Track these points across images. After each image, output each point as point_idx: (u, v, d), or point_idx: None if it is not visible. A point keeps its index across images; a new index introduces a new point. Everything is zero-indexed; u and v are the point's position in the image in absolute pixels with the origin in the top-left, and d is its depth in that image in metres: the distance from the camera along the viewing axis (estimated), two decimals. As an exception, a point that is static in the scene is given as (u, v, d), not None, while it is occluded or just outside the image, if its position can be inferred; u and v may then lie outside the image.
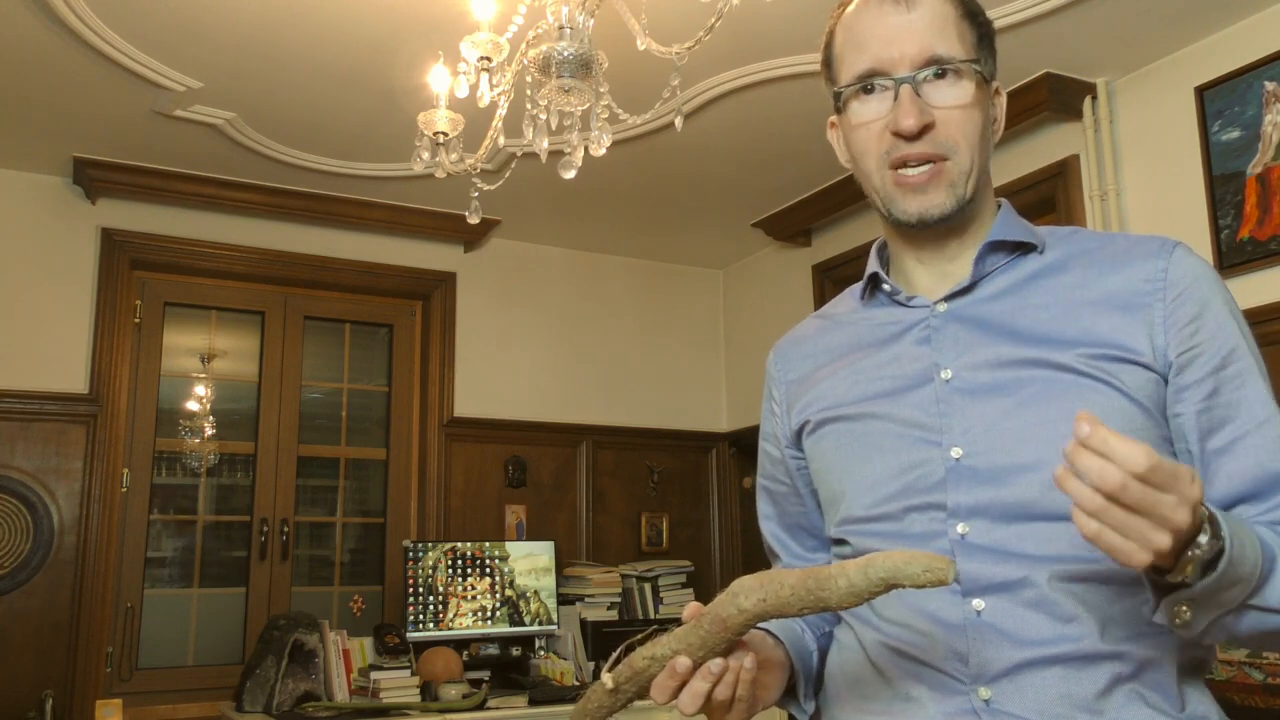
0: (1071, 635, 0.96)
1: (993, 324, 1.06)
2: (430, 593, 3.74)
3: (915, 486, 1.04)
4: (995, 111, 1.12)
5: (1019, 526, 0.98)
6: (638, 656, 0.96)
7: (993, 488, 1.00)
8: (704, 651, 0.92)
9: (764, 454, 1.28)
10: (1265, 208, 2.63)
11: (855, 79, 1.08)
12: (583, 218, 4.19)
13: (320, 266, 4.01)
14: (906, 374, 1.08)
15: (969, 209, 1.08)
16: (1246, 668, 2.46)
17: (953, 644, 0.99)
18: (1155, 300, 1.01)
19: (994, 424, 1.01)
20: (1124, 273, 1.04)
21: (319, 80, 3.03)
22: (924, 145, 1.04)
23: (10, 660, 3.33)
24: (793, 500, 1.25)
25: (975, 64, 1.07)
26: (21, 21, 2.70)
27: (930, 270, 1.13)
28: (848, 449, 1.11)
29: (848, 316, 1.20)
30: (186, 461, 3.89)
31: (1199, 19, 2.72)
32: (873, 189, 1.10)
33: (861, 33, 1.09)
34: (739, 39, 2.79)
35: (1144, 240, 1.07)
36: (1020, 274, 1.08)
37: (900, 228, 1.10)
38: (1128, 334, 1.01)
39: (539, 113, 2.13)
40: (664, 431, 4.55)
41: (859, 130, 1.09)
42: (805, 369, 1.21)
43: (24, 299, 3.54)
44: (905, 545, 1.02)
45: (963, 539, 1.00)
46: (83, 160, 3.53)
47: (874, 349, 1.13)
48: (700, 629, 0.92)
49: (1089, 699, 0.95)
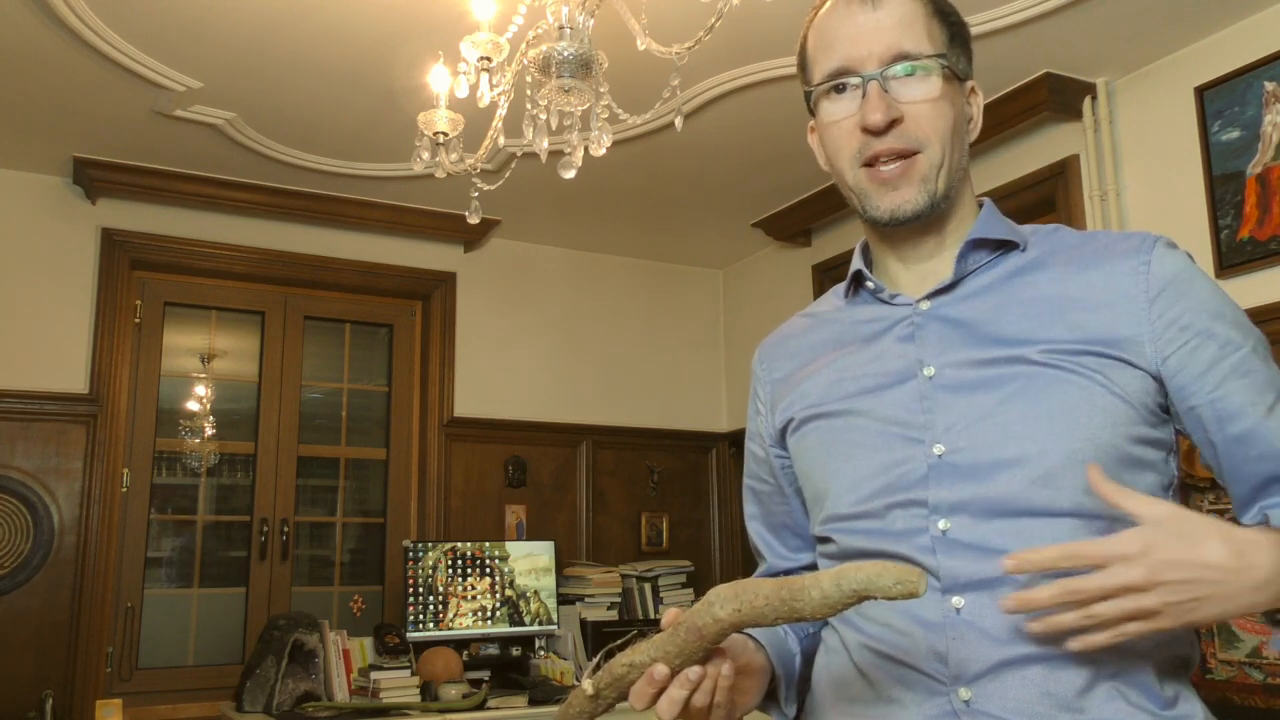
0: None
1: (975, 322, 1.07)
2: (430, 593, 3.74)
3: (898, 483, 1.04)
4: (970, 110, 1.13)
5: (1000, 522, 0.98)
6: (617, 663, 0.96)
7: (974, 484, 1.00)
8: (681, 659, 0.93)
9: (749, 454, 1.29)
10: (1265, 208, 2.63)
11: (825, 78, 1.10)
12: (583, 218, 4.19)
13: (320, 266, 4.01)
14: (889, 371, 1.09)
15: (943, 206, 1.09)
16: (1246, 668, 2.46)
17: (932, 643, 0.99)
18: (1139, 295, 1.02)
19: (976, 420, 1.02)
20: (1105, 269, 1.04)
21: (319, 80, 3.03)
22: (893, 140, 1.05)
23: (10, 660, 3.33)
24: (778, 500, 1.25)
25: (943, 59, 1.07)
26: (21, 21, 2.70)
27: (911, 269, 1.13)
28: (831, 446, 1.11)
29: (831, 314, 1.21)
30: (186, 461, 3.89)
31: (1199, 19, 2.72)
32: (847, 188, 1.11)
33: (831, 33, 1.10)
34: (739, 39, 2.79)
35: (1126, 236, 1.07)
36: (1002, 272, 1.09)
37: (876, 226, 1.11)
38: (1111, 329, 1.01)
39: (539, 113, 2.13)
40: (664, 431, 4.56)
41: (831, 129, 1.10)
42: (789, 367, 1.21)
43: (24, 299, 3.54)
44: (887, 543, 1.03)
45: (944, 535, 1.00)
46: (83, 160, 3.53)
47: (857, 346, 1.13)
48: (677, 637, 0.93)
49: (1069, 697, 0.95)
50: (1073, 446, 0.98)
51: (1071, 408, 0.99)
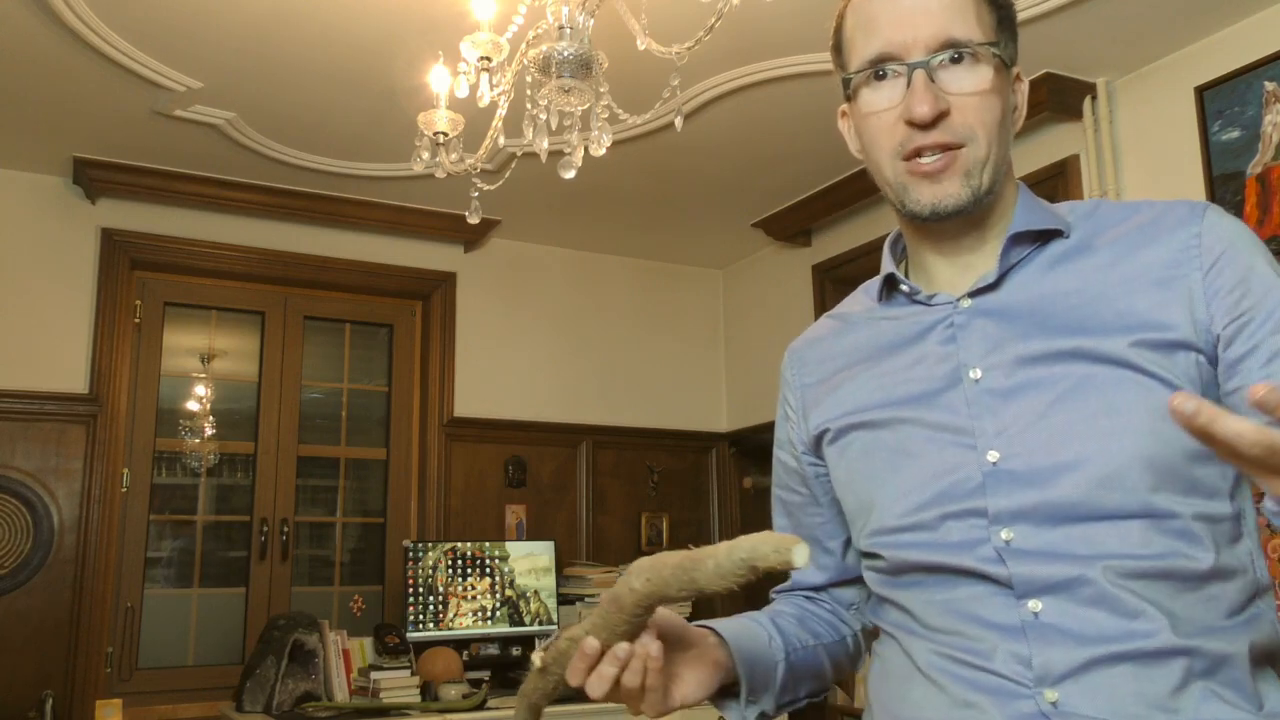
0: (1140, 631, 0.91)
1: (1021, 316, 1.00)
2: (430, 593, 3.74)
3: (951, 493, 0.98)
4: (1016, 99, 1.06)
5: (1066, 529, 0.93)
6: (561, 638, 0.98)
7: (1036, 490, 0.94)
8: (607, 633, 0.93)
9: (779, 463, 1.23)
10: (1265, 208, 2.63)
11: (866, 64, 1.02)
12: (583, 218, 4.19)
13: (320, 266, 4.01)
14: (934, 376, 1.03)
15: (987, 201, 1.02)
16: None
17: (1012, 647, 0.94)
18: (1193, 270, 0.96)
19: (1031, 424, 0.96)
20: (1155, 246, 0.98)
21: (319, 80, 3.03)
22: (939, 134, 0.98)
23: (10, 660, 3.33)
24: (811, 510, 1.19)
25: (994, 47, 1.00)
26: (21, 21, 2.70)
27: (951, 262, 1.07)
28: (875, 457, 1.06)
29: (864, 315, 1.14)
30: (186, 461, 3.89)
31: (1199, 19, 2.72)
32: (885, 181, 1.04)
33: (873, 15, 1.03)
34: (739, 39, 2.79)
35: (1172, 206, 1.01)
36: (1047, 260, 1.03)
37: (915, 220, 1.04)
38: (1165, 312, 0.95)
39: (539, 113, 2.13)
40: (664, 431, 4.55)
41: (870, 119, 1.03)
42: (822, 372, 1.15)
43: (24, 299, 3.54)
44: (944, 554, 0.99)
45: (1008, 545, 0.95)
46: (83, 160, 3.53)
47: (896, 351, 1.07)
48: (603, 610, 0.94)
49: (1163, 697, 0.90)
50: (1135, 444, 0.92)
51: (1130, 403, 0.93)
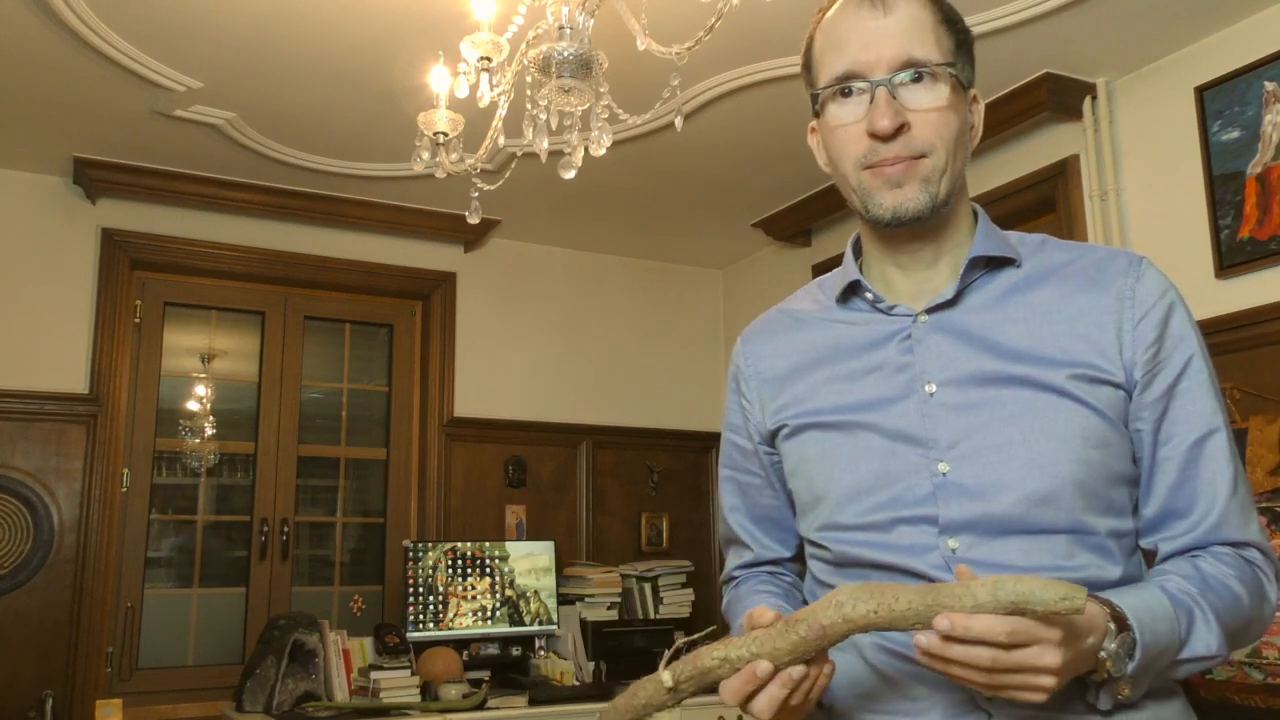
0: None
1: (974, 337, 1.09)
2: (430, 593, 3.74)
3: (904, 499, 1.07)
4: (973, 119, 1.14)
5: (1004, 541, 1.03)
6: (706, 655, 0.94)
7: (982, 503, 1.03)
8: (791, 657, 0.91)
9: (731, 445, 1.29)
10: (1265, 208, 2.63)
11: (833, 81, 1.10)
12: (583, 218, 4.19)
13: (320, 266, 4.02)
14: (891, 384, 1.11)
15: (943, 212, 1.10)
16: (1246, 668, 2.46)
17: None
18: (1125, 319, 1.06)
19: (979, 441, 1.05)
20: (1095, 292, 1.08)
21: (319, 80, 3.03)
22: (900, 147, 1.06)
23: (10, 660, 3.33)
24: (766, 493, 1.26)
25: (951, 68, 1.08)
26: (21, 21, 2.70)
27: (908, 276, 1.14)
28: (831, 455, 1.13)
29: (820, 315, 1.21)
30: (186, 461, 3.89)
31: (1199, 19, 2.72)
32: (850, 189, 1.12)
33: (839, 36, 1.11)
34: (739, 39, 2.79)
35: (1113, 256, 1.11)
36: (999, 288, 1.11)
37: (877, 227, 1.12)
38: (1099, 353, 1.05)
39: (539, 113, 2.13)
40: (664, 431, 4.55)
41: (836, 132, 1.11)
42: (779, 367, 1.22)
43: (24, 299, 3.54)
44: (894, 556, 1.06)
45: (954, 553, 1.04)
46: (83, 160, 3.53)
47: (854, 355, 1.15)
48: (793, 634, 0.91)
49: (1082, 694, 0.98)
50: (1069, 469, 1.02)
51: (1065, 429, 1.03)
